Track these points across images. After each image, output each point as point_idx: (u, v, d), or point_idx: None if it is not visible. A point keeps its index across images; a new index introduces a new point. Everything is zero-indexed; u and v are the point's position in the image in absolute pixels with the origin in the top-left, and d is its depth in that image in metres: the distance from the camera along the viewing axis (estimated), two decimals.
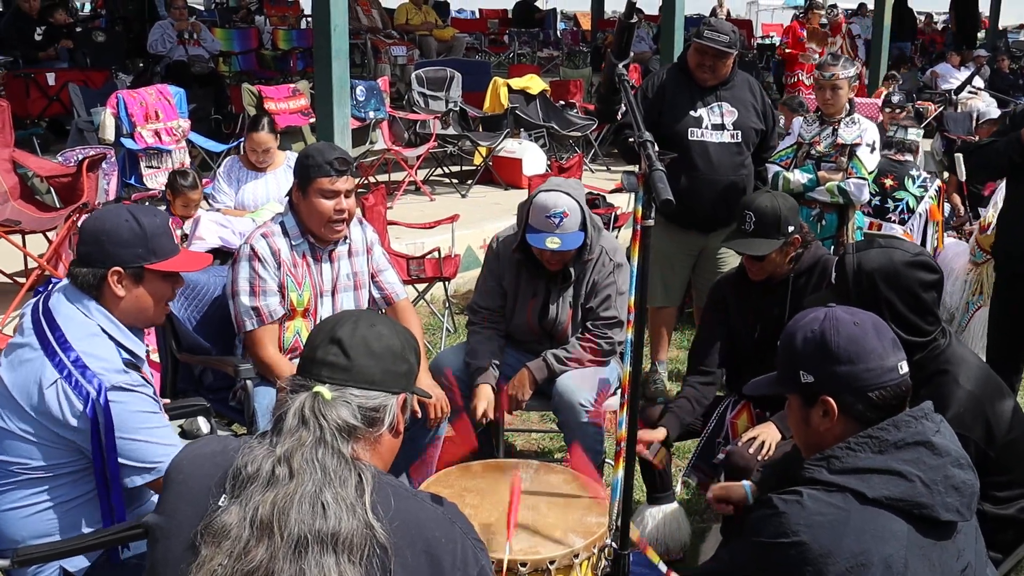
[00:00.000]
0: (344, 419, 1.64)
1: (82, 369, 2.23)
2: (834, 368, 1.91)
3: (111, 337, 2.35)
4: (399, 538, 1.58)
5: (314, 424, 1.62)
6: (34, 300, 2.41)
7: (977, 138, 7.97)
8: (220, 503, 1.59)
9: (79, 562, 2.32)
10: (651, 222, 2.16)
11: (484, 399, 3.56)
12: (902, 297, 2.49)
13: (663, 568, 2.64)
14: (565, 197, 3.47)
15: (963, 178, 5.46)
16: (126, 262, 2.38)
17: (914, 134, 6.19)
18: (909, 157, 6.07)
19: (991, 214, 5.30)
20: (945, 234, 6.29)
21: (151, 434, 2.30)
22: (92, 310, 2.36)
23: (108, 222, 2.40)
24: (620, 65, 2.39)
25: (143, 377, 2.37)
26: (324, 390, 1.65)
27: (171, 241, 2.49)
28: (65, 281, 2.43)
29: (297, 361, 3.30)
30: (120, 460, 2.26)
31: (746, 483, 2.65)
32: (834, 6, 12.40)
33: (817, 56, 10.94)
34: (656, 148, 2.15)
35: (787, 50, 11.76)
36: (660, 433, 3.31)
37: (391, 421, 1.72)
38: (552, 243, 3.44)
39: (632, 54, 2.63)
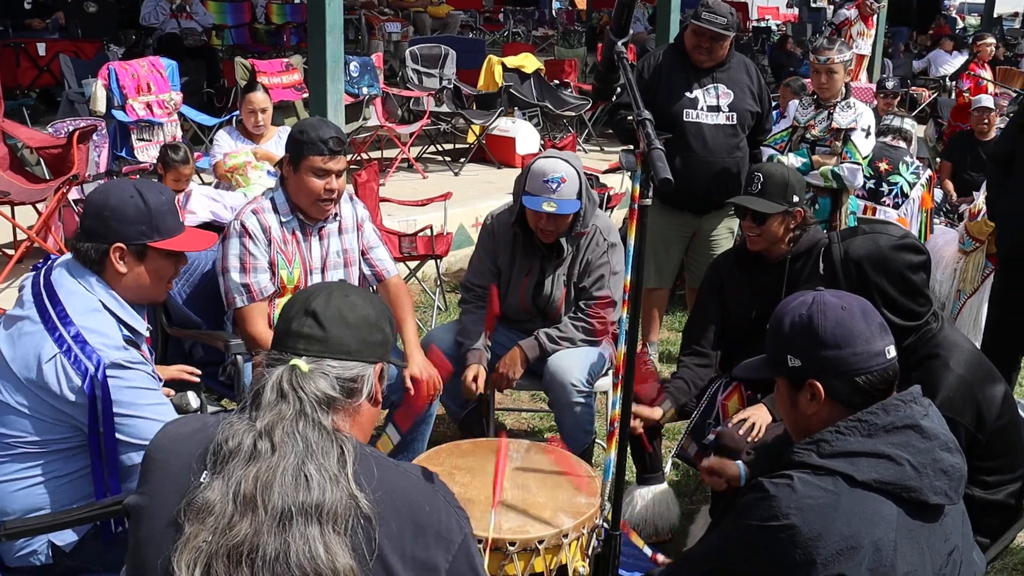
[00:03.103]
0: (323, 391, 1.64)
1: (82, 344, 2.22)
2: (821, 352, 1.92)
3: (112, 313, 2.33)
4: (383, 507, 1.58)
5: (293, 397, 1.61)
6: (34, 273, 2.39)
7: (970, 126, 7.96)
8: (202, 480, 1.58)
9: (68, 536, 2.32)
10: (649, 201, 2.15)
11: (474, 369, 3.55)
12: (892, 281, 2.50)
13: (648, 552, 2.65)
14: (564, 164, 3.47)
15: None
16: (129, 239, 2.36)
17: (909, 123, 6.20)
18: (903, 144, 6.07)
19: (980, 201, 5.31)
20: (935, 220, 6.30)
21: (149, 411, 2.28)
22: (94, 285, 2.34)
23: (113, 197, 2.38)
24: (619, 43, 2.37)
25: (142, 355, 2.36)
26: (301, 363, 1.65)
27: (176, 219, 2.47)
28: (68, 255, 2.41)
29: None
30: (118, 436, 2.25)
31: (740, 463, 2.66)
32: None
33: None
34: (654, 127, 2.13)
35: (969, 97, 9.30)
36: (656, 413, 3.31)
37: (369, 391, 1.72)
38: (549, 206, 3.42)
39: (632, 33, 2.61)
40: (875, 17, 10.93)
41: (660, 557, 2.41)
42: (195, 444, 1.64)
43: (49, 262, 2.41)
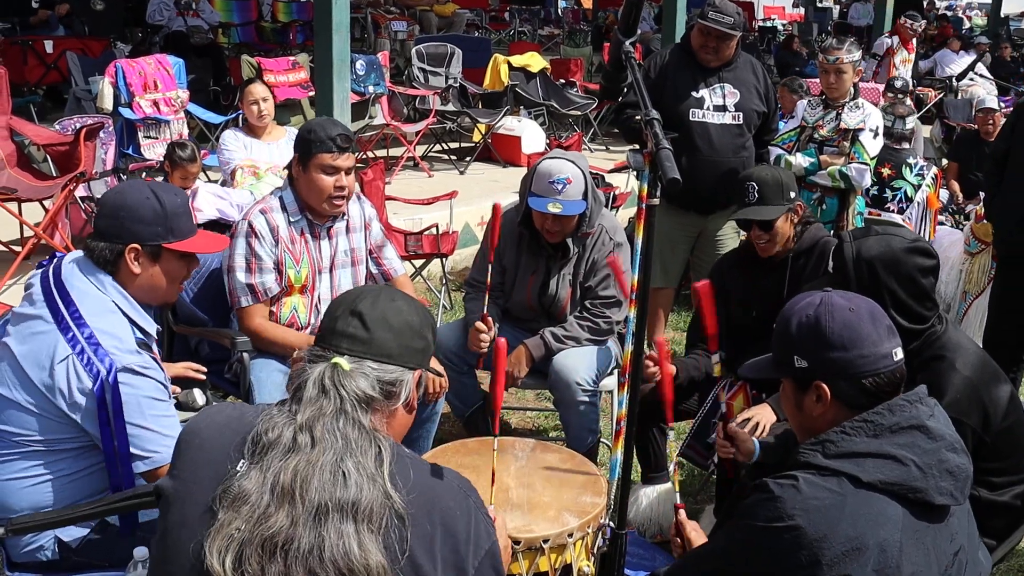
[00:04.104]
0: (363, 390, 1.65)
1: (95, 346, 2.22)
2: (828, 354, 1.91)
3: (125, 314, 2.34)
4: (416, 509, 1.60)
5: (334, 394, 1.63)
6: (41, 270, 2.39)
7: (976, 126, 7.94)
8: (239, 468, 1.60)
9: (75, 532, 2.33)
10: (656, 201, 2.15)
11: (484, 321, 3.52)
12: (902, 283, 2.49)
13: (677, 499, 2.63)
14: (570, 165, 3.47)
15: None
16: (144, 240, 2.37)
17: (911, 122, 6.17)
18: (906, 145, 6.05)
19: None
20: (940, 220, 6.28)
21: (155, 423, 2.28)
22: (107, 285, 2.34)
23: (129, 198, 2.39)
24: (627, 43, 2.36)
25: (153, 358, 2.36)
26: (343, 361, 1.66)
27: (189, 221, 2.48)
28: (79, 253, 2.41)
29: (289, 328, 3.34)
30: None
31: (757, 441, 2.64)
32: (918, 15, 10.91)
33: None
34: (662, 127, 2.13)
35: None
36: (672, 368, 3.29)
37: (406, 396, 1.73)
38: (554, 208, 3.42)
39: (639, 32, 2.61)
40: (914, 41, 10.72)
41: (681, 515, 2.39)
42: (233, 432, 1.66)
43: (56, 259, 2.41)
